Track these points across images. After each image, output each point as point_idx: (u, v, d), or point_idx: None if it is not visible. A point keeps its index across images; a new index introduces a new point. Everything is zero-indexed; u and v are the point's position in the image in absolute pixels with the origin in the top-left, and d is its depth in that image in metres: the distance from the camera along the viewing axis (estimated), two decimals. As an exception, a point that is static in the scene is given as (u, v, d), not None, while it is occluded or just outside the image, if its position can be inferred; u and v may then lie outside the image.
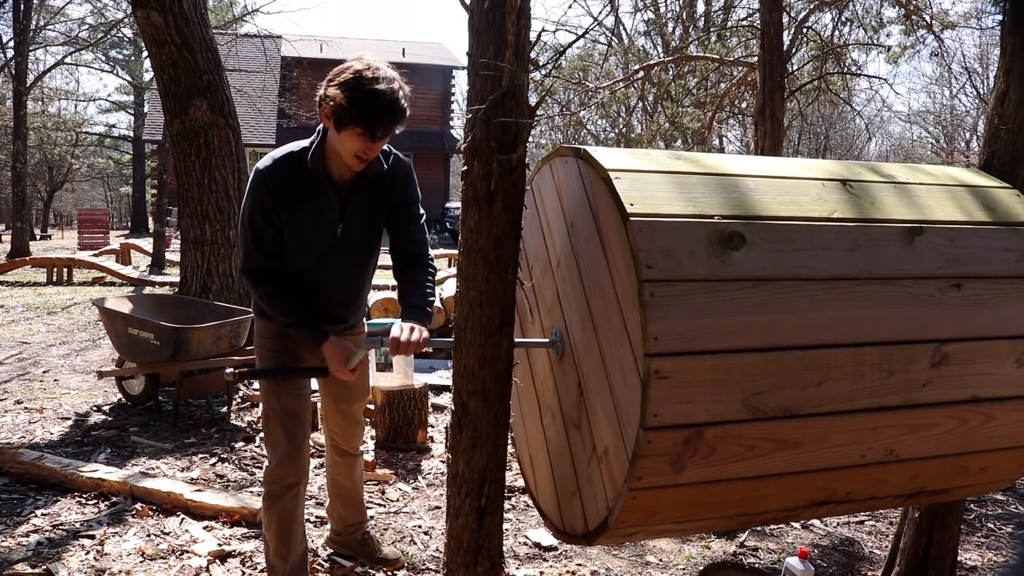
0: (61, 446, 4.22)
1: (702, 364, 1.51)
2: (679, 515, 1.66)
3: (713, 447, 1.54)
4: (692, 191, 1.67)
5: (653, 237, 1.53)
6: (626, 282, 1.56)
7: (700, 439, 1.52)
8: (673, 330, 1.49)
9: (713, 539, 3.24)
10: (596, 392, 1.71)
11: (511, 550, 3.10)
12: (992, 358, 1.76)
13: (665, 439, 1.50)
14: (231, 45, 14.42)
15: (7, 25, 20.41)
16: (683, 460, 1.53)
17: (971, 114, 27.89)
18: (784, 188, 1.77)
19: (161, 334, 4.50)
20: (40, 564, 2.84)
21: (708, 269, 1.54)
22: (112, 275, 12.33)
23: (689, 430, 1.51)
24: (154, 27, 5.86)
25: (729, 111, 10.27)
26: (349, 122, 2.08)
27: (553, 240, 1.98)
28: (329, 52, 24.80)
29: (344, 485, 2.85)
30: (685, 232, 1.56)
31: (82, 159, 31.91)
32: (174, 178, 7.26)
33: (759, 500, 1.70)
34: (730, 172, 1.78)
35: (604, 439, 1.66)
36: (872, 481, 1.77)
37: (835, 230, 1.70)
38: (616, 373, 1.61)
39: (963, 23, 11.04)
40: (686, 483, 1.57)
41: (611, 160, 1.69)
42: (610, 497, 1.62)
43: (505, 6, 1.48)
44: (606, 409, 1.65)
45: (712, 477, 1.58)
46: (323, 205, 2.28)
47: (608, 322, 1.65)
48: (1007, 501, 3.86)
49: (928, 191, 1.92)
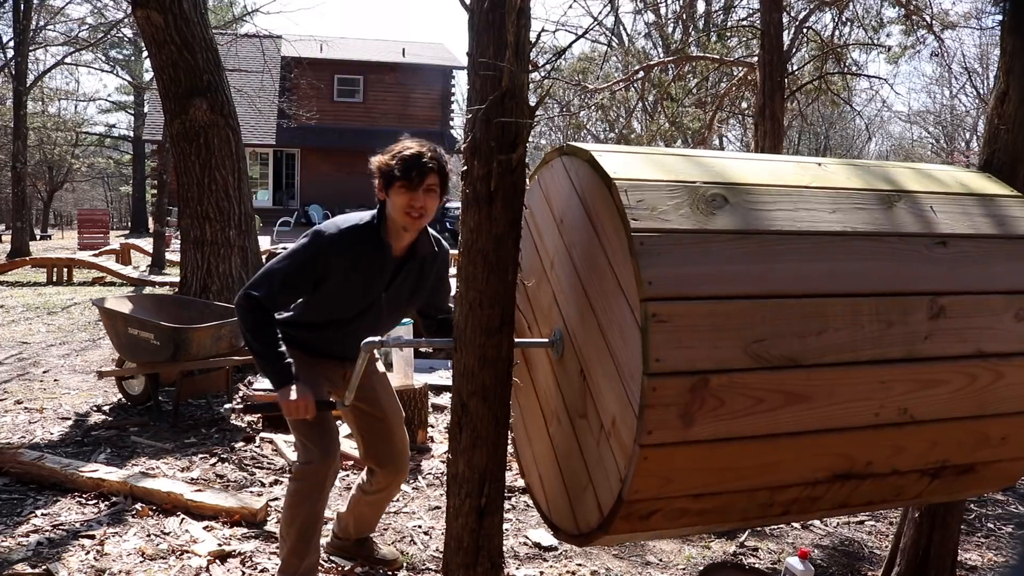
0: (61, 446, 4.22)
1: (699, 309, 1.53)
2: (696, 484, 1.63)
3: (721, 398, 1.53)
4: (674, 167, 1.75)
5: (639, 197, 1.60)
6: (616, 243, 1.60)
7: (706, 388, 1.52)
8: (666, 275, 1.52)
9: (713, 539, 3.24)
10: (598, 366, 1.71)
11: (511, 550, 3.10)
12: (989, 312, 1.78)
13: (670, 386, 1.50)
14: (231, 45, 14.41)
15: (7, 25, 20.43)
16: (691, 411, 1.51)
17: (971, 114, 27.89)
18: (765, 165, 1.85)
19: (161, 334, 4.50)
20: (40, 564, 2.84)
21: (694, 223, 1.60)
22: (112, 275, 12.33)
23: (694, 377, 1.51)
24: (154, 27, 5.86)
25: (729, 111, 10.27)
26: (392, 179, 2.29)
27: (545, 246, 2.02)
28: (329, 52, 24.84)
29: (365, 512, 2.84)
30: (669, 193, 1.64)
31: (82, 159, 31.91)
32: (174, 178, 7.27)
33: (777, 468, 1.67)
34: (709, 156, 1.88)
35: (610, 409, 1.64)
36: (891, 448, 1.74)
37: (815, 193, 1.78)
38: (616, 336, 1.61)
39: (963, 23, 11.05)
40: (697, 440, 1.54)
41: (594, 147, 1.79)
42: (621, 467, 1.59)
43: (505, 6, 1.48)
44: (609, 378, 1.65)
45: (724, 434, 1.56)
46: (375, 275, 2.42)
47: (604, 294, 1.67)
48: (1007, 501, 3.86)
49: (914, 172, 1.96)
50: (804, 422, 1.63)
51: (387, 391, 2.72)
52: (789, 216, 1.70)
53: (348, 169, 26.32)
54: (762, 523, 1.86)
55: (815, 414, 1.63)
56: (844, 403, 1.65)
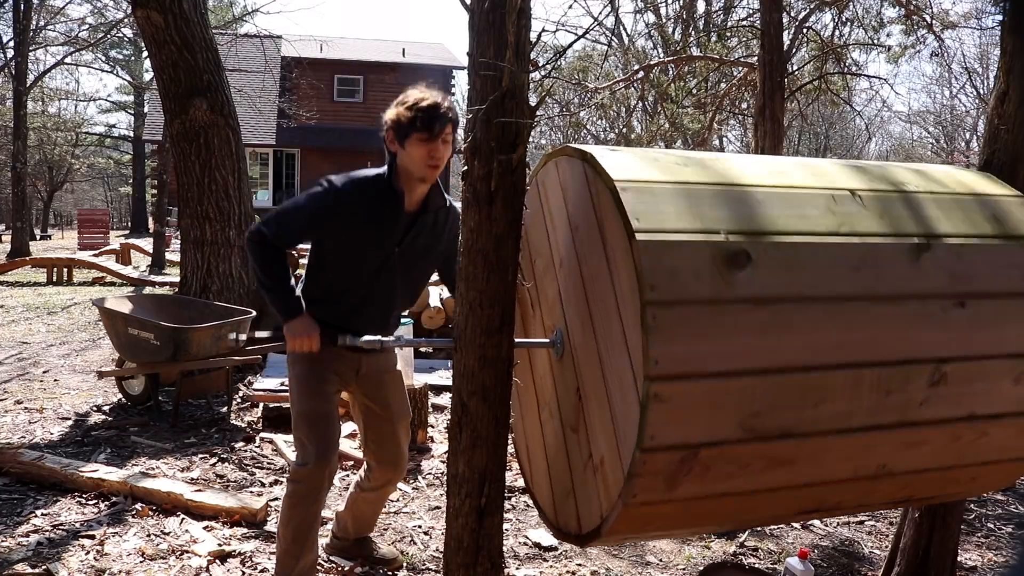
0: (61, 446, 4.22)
1: (701, 387, 1.51)
2: (672, 525, 1.71)
3: (708, 466, 1.56)
4: (700, 204, 1.63)
5: (659, 257, 1.51)
6: (629, 300, 1.55)
7: (695, 459, 1.54)
8: (674, 354, 1.48)
9: (713, 539, 3.24)
10: (594, 401, 1.71)
11: (511, 550, 3.10)
12: (991, 376, 1.76)
13: (660, 459, 1.52)
14: (231, 45, 14.41)
15: (7, 25, 20.44)
16: (678, 478, 1.55)
17: (971, 114, 27.90)
18: (793, 200, 1.74)
19: (161, 334, 4.50)
20: (40, 564, 2.84)
21: (712, 291, 1.53)
22: (112, 275, 12.33)
23: (685, 451, 1.52)
24: (154, 27, 5.86)
25: (729, 111, 10.27)
26: (411, 130, 2.25)
27: (557, 239, 1.96)
28: (329, 52, 24.84)
29: (363, 510, 2.85)
30: (691, 251, 1.54)
31: (82, 159, 31.93)
32: (174, 178, 7.27)
33: (750, 511, 1.74)
34: (739, 182, 1.75)
35: (600, 449, 1.67)
36: (862, 493, 1.79)
37: (842, 248, 1.67)
38: (615, 387, 1.61)
39: (963, 23, 11.05)
40: (680, 499, 1.59)
41: (618, 169, 1.65)
42: (604, 508, 1.63)
43: (505, 6, 1.48)
44: (603, 420, 1.66)
45: (706, 493, 1.60)
46: (388, 227, 2.40)
47: (609, 333, 1.65)
48: (1007, 501, 3.86)
49: (938, 202, 1.92)
50: (785, 480, 1.66)
51: (399, 392, 2.70)
52: (810, 277, 1.62)
53: (348, 169, 26.25)
54: None
55: (796, 475, 1.66)
56: (826, 465, 1.68)
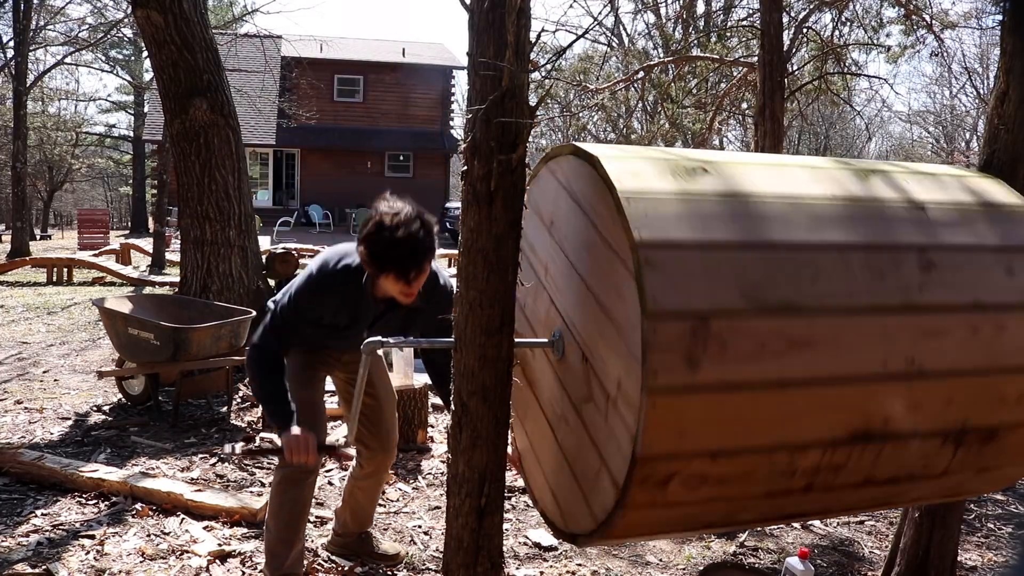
0: (61, 446, 4.22)
1: (691, 255, 1.57)
2: (710, 439, 1.60)
3: (723, 341, 1.54)
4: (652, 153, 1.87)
5: (622, 167, 1.67)
6: (604, 210, 1.66)
7: (708, 331, 1.53)
8: (655, 225, 1.58)
9: (713, 539, 3.24)
10: (599, 339, 1.72)
11: (511, 550, 3.11)
12: (979, 266, 1.81)
13: (671, 328, 1.51)
14: (231, 45, 14.41)
15: (7, 25, 20.41)
16: (695, 355, 1.52)
17: (971, 114, 27.90)
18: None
19: (161, 334, 4.50)
20: (40, 564, 2.84)
21: (678, 186, 1.68)
22: (112, 275, 12.33)
23: (693, 320, 1.53)
24: (154, 27, 5.86)
25: (729, 111, 10.27)
26: (381, 271, 2.21)
27: (537, 255, 2.06)
28: (329, 52, 24.83)
29: (360, 500, 2.89)
30: (652, 164, 1.74)
31: (82, 159, 31.90)
32: (174, 178, 7.27)
33: (791, 422, 1.65)
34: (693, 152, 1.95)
35: (614, 374, 1.64)
36: (905, 403, 1.73)
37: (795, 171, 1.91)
38: (613, 299, 1.64)
39: (963, 23, 11.04)
40: (705, 385, 1.54)
41: (575, 144, 1.87)
42: (631, 424, 1.56)
43: (505, 6, 1.48)
44: (611, 344, 1.66)
45: (731, 379, 1.56)
46: (360, 314, 2.44)
47: (598, 266, 1.71)
48: (1007, 501, 3.86)
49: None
50: (811, 368, 1.63)
51: (383, 376, 2.78)
52: (771, 184, 1.78)
53: (348, 169, 26.32)
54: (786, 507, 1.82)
55: (821, 361, 1.64)
56: (849, 351, 1.67)
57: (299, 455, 2.29)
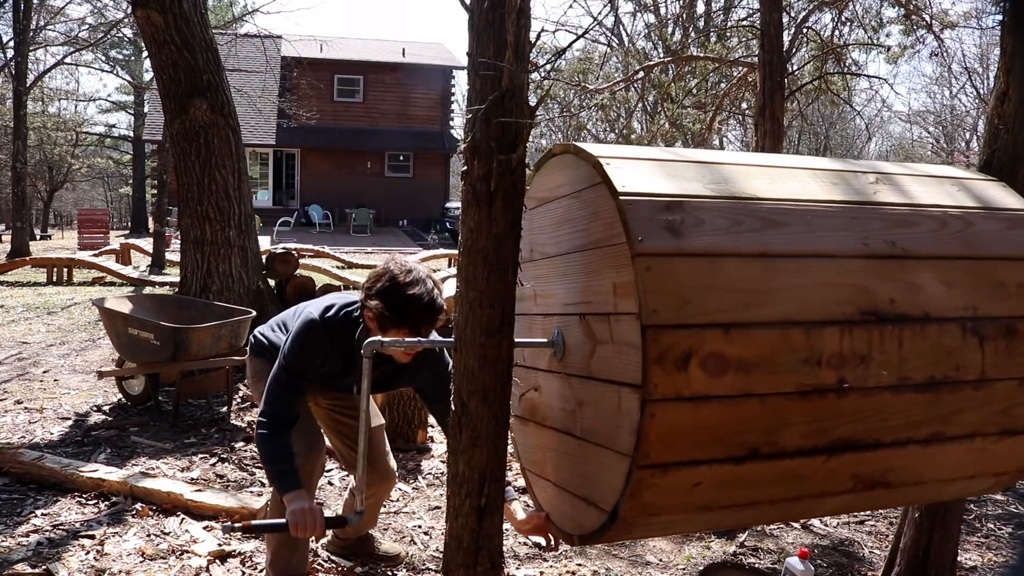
0: (61, 446, 4.22)
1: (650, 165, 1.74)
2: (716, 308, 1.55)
3: (699, 217, 1.63)
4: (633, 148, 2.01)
5: (600, 150, 1.78)
6: (589, 177, 1.75)
7: (680, 207, 1.63)
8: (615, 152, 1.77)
9: (713, 539, 3.24)
10: (588, 285, 1.79)
11: (511, 550, 3.11)
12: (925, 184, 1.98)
13: (644, 204, 1.61)
14: (231, 45, 14.42)
15: (7, 25, 20.41)
16: (675, 226, 1.60)
17: (971, 114, 27.92)
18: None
19: (161, 334, 4.50)
20: (40, 564, 2.84)
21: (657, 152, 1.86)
22: (112, 275, 12.32)
23: (664, 198, 1.64)
24: (154, 27, 5.86)
25: (729, 111, 10.27)
26: (393, 327, 2.16)
27: (525, 277, 2.11)
28: (329, 52, 24.84)
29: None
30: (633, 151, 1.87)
31: (82, 159, 31.94)
32: (174, 178, 7.27)
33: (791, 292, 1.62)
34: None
35: (607, 288, 1.69)
36: (905, 284, 1.70)
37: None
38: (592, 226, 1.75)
39: (963, 23, 11.04)
40: (693, 252, 1.58)
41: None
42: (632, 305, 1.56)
43: (505, 6, 1.48)
44: (597, 272, 1.74)
45: (717, 248, 1.60)
46: (352, 366, 2.38)
47: (578, 227, 1.81)
48: (1007, 501, 3.86)
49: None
50: (791, 243, 1.68)
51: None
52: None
53: (348, 169, 26.32)
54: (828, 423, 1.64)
55: (799, 237, 1.69)
56: (824, 231, 1.72)
57: (305, 531, 2.16)
